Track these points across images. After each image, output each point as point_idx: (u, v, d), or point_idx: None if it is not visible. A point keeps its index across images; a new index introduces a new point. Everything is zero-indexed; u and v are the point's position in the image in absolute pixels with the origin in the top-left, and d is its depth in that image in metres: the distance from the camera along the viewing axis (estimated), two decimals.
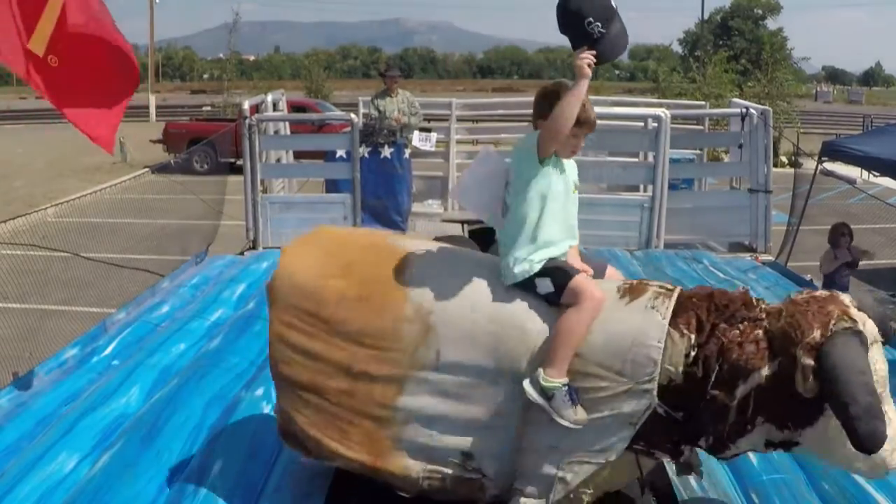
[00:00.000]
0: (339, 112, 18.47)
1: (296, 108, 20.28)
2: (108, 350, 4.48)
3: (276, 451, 3.33)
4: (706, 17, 40.23)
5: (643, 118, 8.22)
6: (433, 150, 8.98)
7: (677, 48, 47.37)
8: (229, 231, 8.66)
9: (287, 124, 8.87)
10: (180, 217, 9.43)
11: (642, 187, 8.17)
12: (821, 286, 6.55)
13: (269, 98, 8.59)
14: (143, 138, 22.95)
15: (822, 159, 7.19)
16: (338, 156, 7.92)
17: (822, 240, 7.63)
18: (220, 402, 3.69)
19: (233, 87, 32.80)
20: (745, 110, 7.62)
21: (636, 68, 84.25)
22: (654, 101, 12.57)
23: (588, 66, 2.49)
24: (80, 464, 3.21)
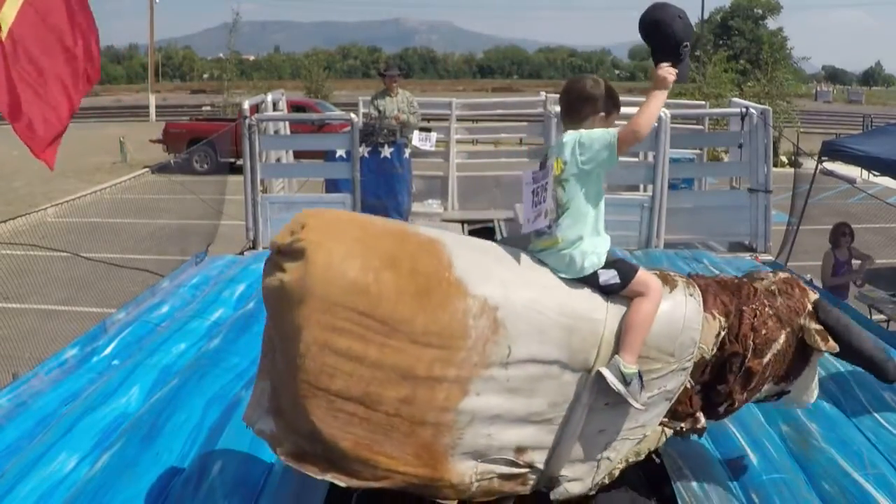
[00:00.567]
0: (339, 112, 18.47)
1: (296, 108, 20.29)
2: (108, 350, 4.46)
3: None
4: (706, 16, 40.26)
5: None
6: (433, 149, 8.98)
7: None
8: (229, 231, 8.66)
9: (287, 124, 8.86)
10: (180, 217, 9.44)
11: (642, 187, 8.16)
12: (821, 286, 6.56)
13: (269, 98, 8.58)
14: (143, 138, 22.98)
15: (822, 159, 7.16)
16: (338, 156, 7.91)
17: (822, 240, 7.63)
18: (220, 402, 3.68)
19: (233, 86, 32.82)
20: (744, 110, 7.60)
21: (636, 68, 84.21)
22: None
23: (670, 81, 2.72)
24: (80, 464, 3.21)
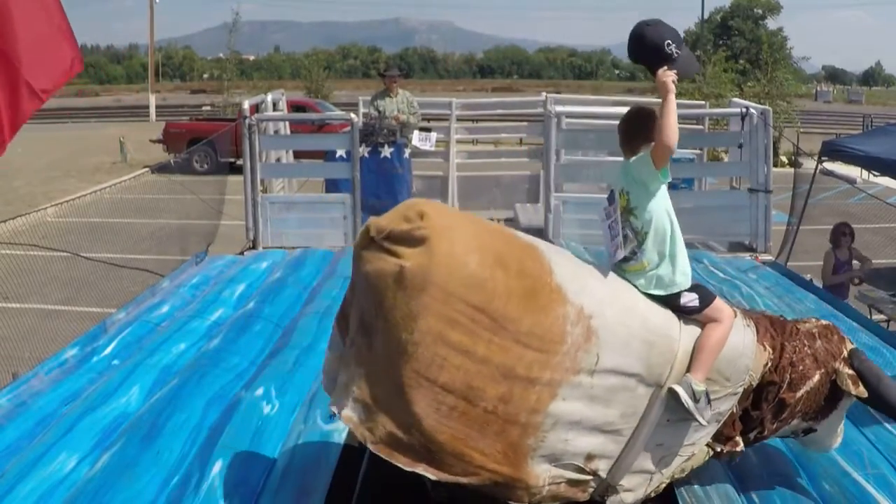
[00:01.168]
0: (339, 112, 18.48)
1: (296, 108, 20.30)
2: (108, 350, 4.46)
3: (276, 451, 3.33)
4: (706, 16, 40.29)
5: None
6: (433, 149, 8.99)
7: None
8: (229, 231, 8.66)
9: (287, 124, 8.87)
10: (180, 217, 9.43)
11: None
12: (821, 286, 6.57)
13: (269, 98, 8.59)
14: (143, 138, 23.00)
15: (822, 159, 7.17)
16: (338, 156, 7.92)
17: (822, 240, 7.64)
18: (220, 402, 3.68)
19: (233, 86, 32.81)
20: (745, 110, 7.60)
21: (636, 68, 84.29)
22: (655, 100, 12.54)
23: (672, 81, 2.80)
24: (80, 464, 3.21)
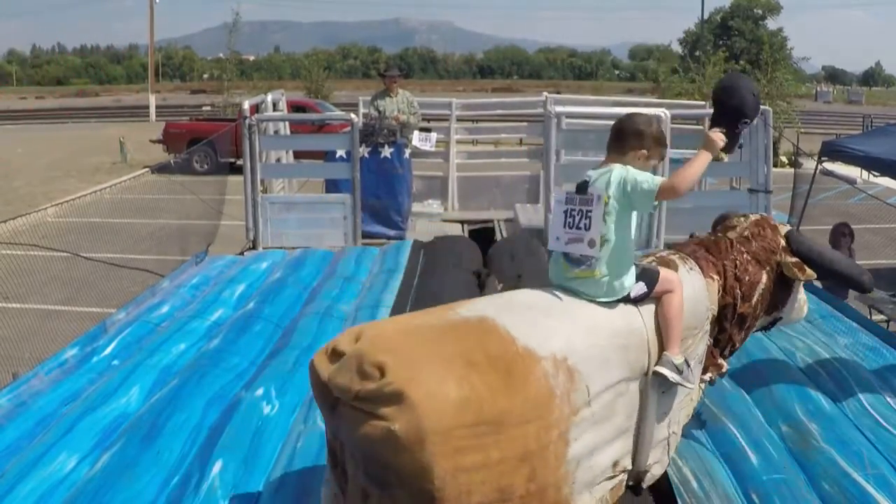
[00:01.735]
0: (339, 112, 18.47)
1: (296, 108, 20.28)
2: (108, 350, 4.46)
3: (276, 451, 3.34)
4: (706, 17, 40.27)
5: None
6: (433, 150, 8.99)
7: (677, 48, 47.41)
8: (229, 231, 8.66)
9: (287, 124, 8.86)
10: (180, 217, 9.43)
11: None
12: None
13: (269, 98, 8.58)
14: (143, 138, 22.99)
15: (822, 159, 7.17)
16: (338, 156, 7.91)
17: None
18: (220, 402, 3.69)
19: (233, 87, 32.78)
20: None
21: (636, 68, 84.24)
22: (655, 101, 12.55)
23: (717, 145, 2.95)
24: (80, 464, 3.21)
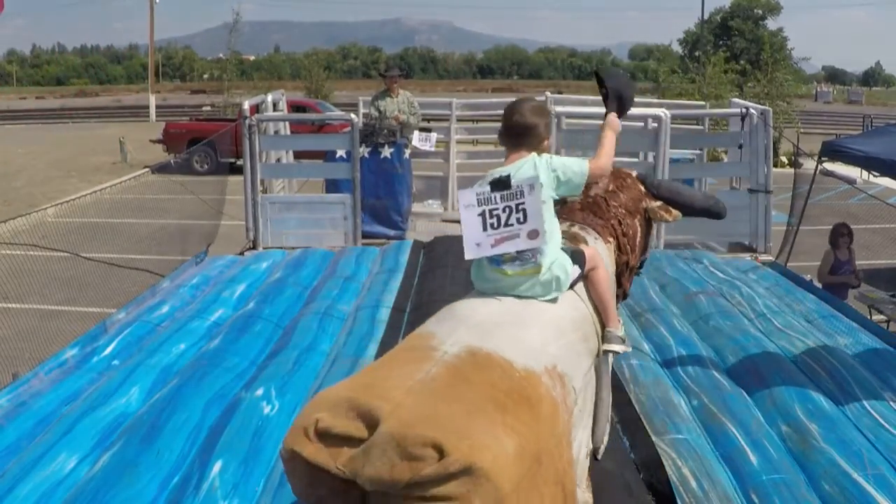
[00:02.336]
0: (339, 112, 18.48)
1: (296, 108, 20.30)
2: (108, 350, 4.47)
3: (276, 451, 3.33)
4: (706, 17, 40.25)
5: (643, 118, 8.20)
6: (433, 150, 8.99)
7: (677, 48, 47.37)
8: (229, 231, 8.66)
9: (287, 124, 8.87)
10: (180, 217, 9.43)
11: None
12: (821, 286, 6.57)
13: (269, 98, 8.58)
14: (143, 138, 23.02)
15: (822, 159, 7.16)
16: (338, 156, 7.91)
17: (822, 240, 7.64)
18: (220, 402, 3.69)
19: (233, 86, 32.83)
20: (744, 110, 7.61)
21: (636, 68, 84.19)
22: (654, 101, 12.54)
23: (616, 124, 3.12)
24: (80, 464, 3.21)
